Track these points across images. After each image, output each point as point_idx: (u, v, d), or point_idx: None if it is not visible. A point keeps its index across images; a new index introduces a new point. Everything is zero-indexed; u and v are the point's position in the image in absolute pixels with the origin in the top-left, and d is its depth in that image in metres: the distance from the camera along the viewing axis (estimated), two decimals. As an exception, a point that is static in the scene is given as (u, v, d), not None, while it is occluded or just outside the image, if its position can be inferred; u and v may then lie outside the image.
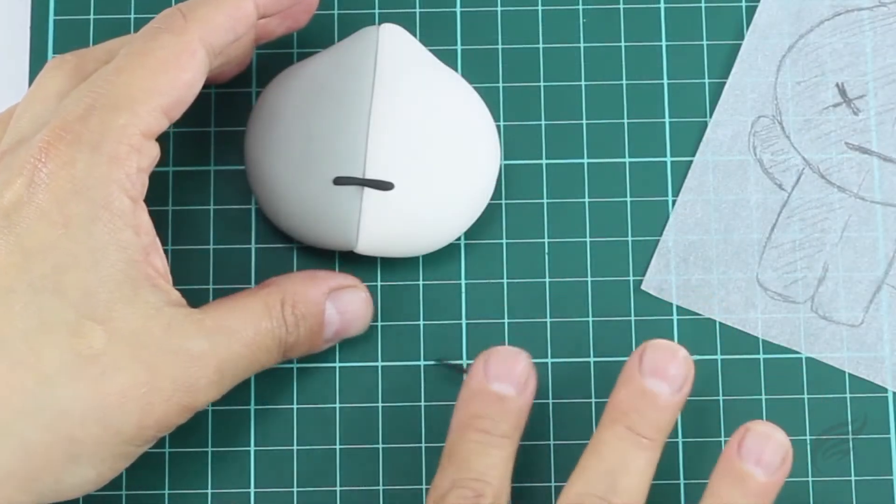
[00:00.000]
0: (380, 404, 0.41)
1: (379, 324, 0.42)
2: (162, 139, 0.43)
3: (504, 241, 0.43)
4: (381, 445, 0.41)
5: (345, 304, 0.39)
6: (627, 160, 0.43)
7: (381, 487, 0.41)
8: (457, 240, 0.42)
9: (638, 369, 0.37)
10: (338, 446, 0.41)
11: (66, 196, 0.33)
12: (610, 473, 0.36)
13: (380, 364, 0.42)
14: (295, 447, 0.41)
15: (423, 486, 0.41)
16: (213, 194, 0.43)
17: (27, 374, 0.32)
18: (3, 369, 0.33)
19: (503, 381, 0.37)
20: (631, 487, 0.36)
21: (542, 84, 0.44)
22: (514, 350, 0.38)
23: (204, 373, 0.34)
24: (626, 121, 0.43)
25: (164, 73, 0.34)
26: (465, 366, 0.41)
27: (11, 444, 0.33)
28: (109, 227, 0.33)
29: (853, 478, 0.41)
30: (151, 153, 0.35)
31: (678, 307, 0.42)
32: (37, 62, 0.44)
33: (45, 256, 0.33)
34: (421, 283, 0.42)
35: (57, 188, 0.33)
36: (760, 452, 0.36)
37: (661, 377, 0.37)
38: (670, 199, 0.43)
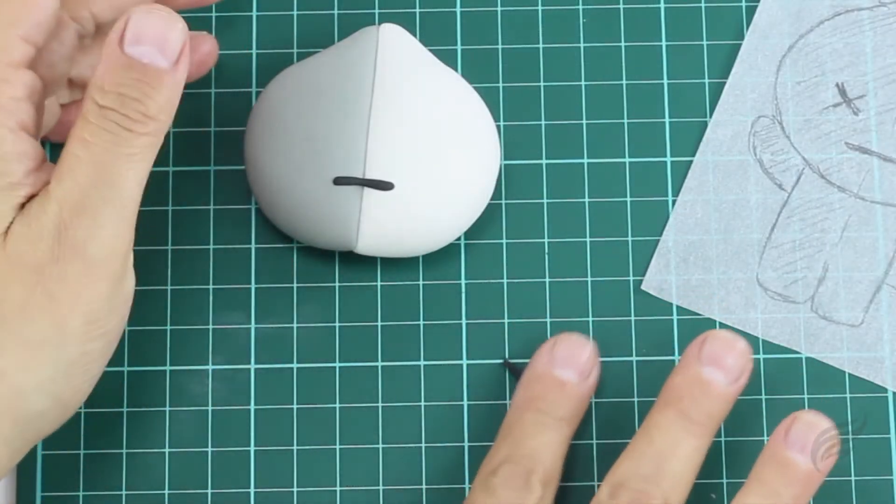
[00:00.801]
0: (380, 404, 0.41)
1: (379, 324, 0.42)
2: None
3: (504, 241, 0.43)
4: (380, 445, 0.41)
5: (139, 32, 0.33)
6: (627, 160, 0.43)
7: (380, 487, 0.41)
8: (457, 240, 0.42)
9: (697, 357, 0.37)
10: (337, 446, 0.41)
11: None
12: (658, 456, 0.36)
13: (380, 364, 0.42)
14: (295, 447, 0.41)
15: (424, 486, 0.41)
16: (213, 194, 0.43)
17: None
18: None
19: (567, 367, 0.38)
20: (677, 472, 0.36)
21: (542, 84, 0.44)
22: (582, 339, 0.39)
23: (74, 227, 0.33)
24: (626, 121, 0.43)
25: (12, 2, 0.34)
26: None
27: None
28: None
29: (853, 478, 0.41)
30: (25, 81, 0.34)
31: (678, 307, 0.42)
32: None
33: None
34: (421, 283, 0.42)
35: None
36: (806, 441, 0.37)
37: (718, 366, 0.37)
38: (670, 199, 0.43)
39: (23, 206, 0.33)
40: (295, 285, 0.42)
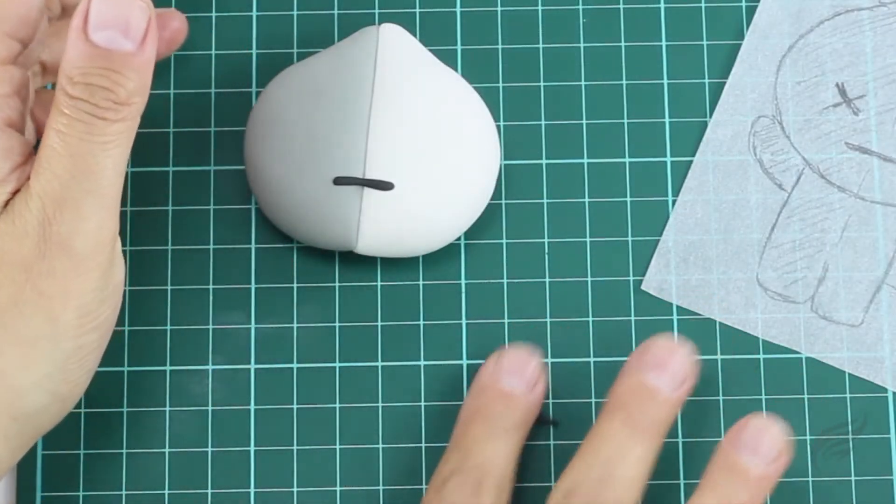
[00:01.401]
0: (380, 404, 0.41)
1: (379, 324, 0.42)
2: (162, 139, 0.43)
3: (504, 241, 0.43)
4: (381, 445, 0.41)
5: (101, 19, 0.32)
6: (627, 160, 0.43)
7: (381, 487, 0.41)
8: (457, 240, 0.42)
9: (639, 364, 0.37)
10: (338, 446, 0.41)
11: None
12: (606, 463, 0.36)
13: (380, 364, 0.42)
14: (295, 447, 0.41)
15: (423, 486, 0.41)
16: (213, 194, 0.43)
17: None
18: None
19: (513, 378, 0.38)
20: (625, 478, 0.36)
21: (542, 84, 0.44)
22: (527, 351, 0.39)
23: (56, 221, 0.33)
24: (626, 121, 0.43)
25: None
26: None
27: None
28: None
29: (853, 478, 0.41)
30: (12, 77, 0.33)
31: (678, 307, 0.42)
32: (37, 62, 0.44)
33: None
34: (421, 283, 0.42)
35: None
36: (757, 444, 0.36)
37: (661, 372, 0.37)
38: (670, 199, 0.43)
39: (7, 203, 0.33)
40: (295, 285, 0.42)
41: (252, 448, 0.41)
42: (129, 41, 0.32)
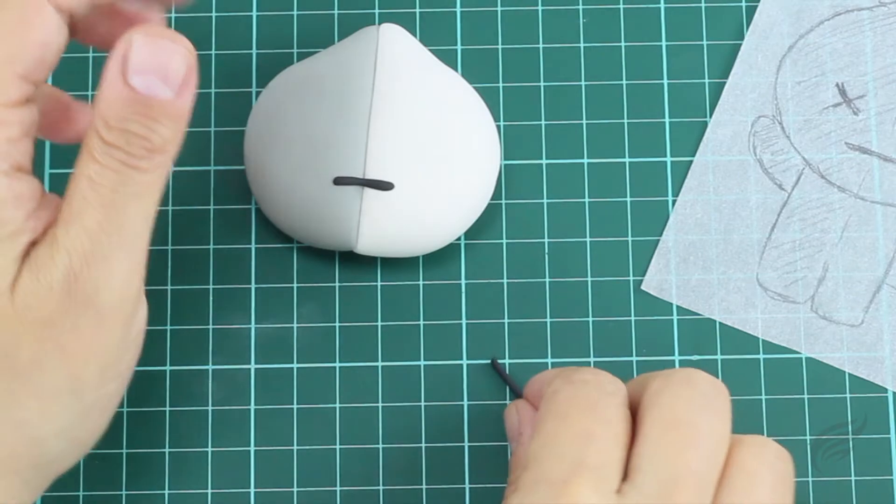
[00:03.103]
0: (380, 404, 0.41)
1: (379, 324, 0.42)
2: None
3: (504, 241, 0.43)
4: (381, 445, 0.41)
5: (144, 63, 0.30)
6: (627, 160, 0.43)
7: (381, 487, 0.41)
8: (457, 240, 0.42)
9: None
10: (338, 446, 0.41)
11: None
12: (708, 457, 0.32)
13: (380, 364, 0.42)
14: (295, 447, 0.41)
15: (423, 486, 0.41)
16: (213, 194, 0.43)
17: None
18: None
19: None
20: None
21: (542, 84, 0.44)
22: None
23: (83, 277, 0.31)
24: (626, 121, 0.43)
25: (10, 38, 0.31)
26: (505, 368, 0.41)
27: None
28: None
29: (853, 478, 0.41)
30: (22, 119, 0.31)
31: (678, 307, 0.42)
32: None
33: None
34: (421, 283, 0.42)
35: None
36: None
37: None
38: (670, 199, 0.43)
39: (27, 252, 0.31)
40: (295, 285, 0.42)
41: (252, 448, 0.41)
42: (169, 88, 0.30)
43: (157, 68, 0.30)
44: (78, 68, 0.44)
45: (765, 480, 0.31)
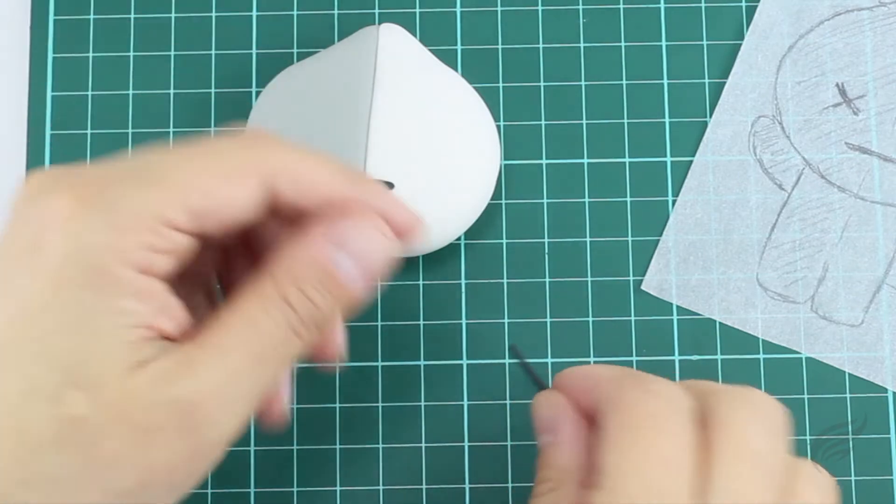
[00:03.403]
0: (380, 404, 0.41)
1: (379, 324, 0.42)
2: (162, 139, 0.43)
3: (504, 241, 0.43)
4: (381, 445, 0.41)
5: (349, 242, 0.32)
6: (627, 160, 0.43)
7: (381, 487, 0.41)
8: (457, 240, 0.42)
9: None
10: (338, 446, 0.41)
11: (63, 259, 0.31)
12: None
13: (380, 364, 0.42)
14: (294, 447, 0.41)
15: (423, 486, 0.41)
16: (213, 194, 0.43)
17: (16, 446, 0.30)
18: None
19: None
20: None
21: (542, 84, 0.44)
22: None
23: (202, 409, 0.31)
24: (626, 121, 0.43)
25: (212, 175, 0.31)
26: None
27: None
28: (104, 292, 0.31)
29: (853, 478, 0.41)
30: (175, 241, 0.31)
31: (678, 307, 0.42)
32: (37, 62, 0.44)
33: (36, 320, 0.31)
34: (421, 283, 0.42)
35: (57, 250, 0.31)
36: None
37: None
38: (670, 199, 0.43)
39: (143, 348, 0.31)
40: (295, 285, 0.42)
41: (252, 448, 0.41)
42: (361, 277, 0.31)
43: (360, 253, 0.31)
44: (78, 68, 0.44)
45: None
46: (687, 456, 0.31)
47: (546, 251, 0.43)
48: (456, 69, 0.43)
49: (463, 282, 0.42)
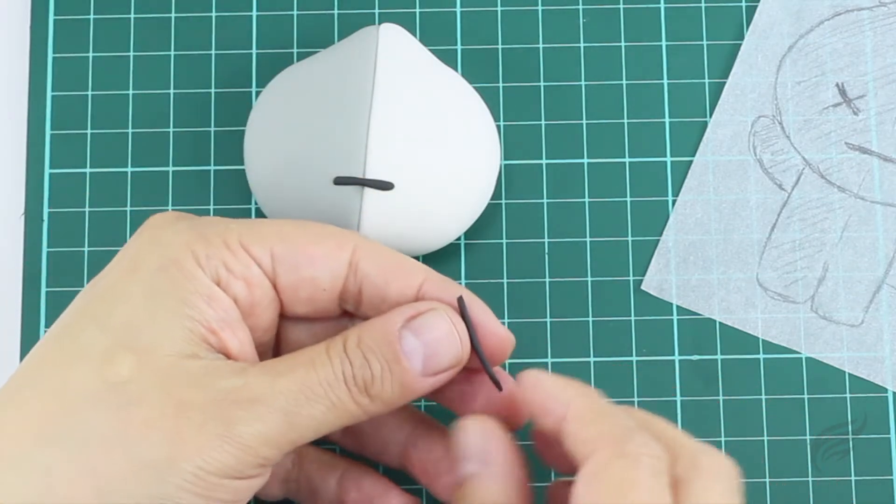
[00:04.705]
0: (380, 404, 0.41)
1: (379, 324, 0.42)
2: (162, 139, 0.43)
3: (504, 241, 0.43)
4: (381, 445, 0.41)
5: (424, 329, 0.33)
6: (627, 160, 0.43)
7: (381, 487, 0.41)
8: (457, 240, 0.42)
9: None
10: (338, 446, 0.41)
11: (145, 246, 0.33)
12: None
13: (380, 364, 0.42)
14: (295, 447, 0.41)
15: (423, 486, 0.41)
16: (213, 194, 0.43)
17: (51, 400, 0.31)
18: (29, 395, 0.31)
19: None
20: None
21: (542, 84, 0.44)
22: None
23: (242, 407, 0.31)
24: (626, 121, 0.43)
25: (300, 234, 0.34)
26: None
27: (34, 477, 0.30)
28: (175, 279, 0.32)
29: (853, 478, 0.41)
30: (251, 270, 0.33)
31: (678, 307, 0.42)
32: (37, 62, 0.44)
33: (106, 294, 0.33)
34: (421, 283, 0.42)
35: (142, 242, 0.34)
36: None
37: None
38: (670, 199, 0.43)
39: (202, 343, 0.32)
40: (295, 285, 0.42)
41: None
42: (421, 365, 0.33)
43: (430, 342, 0.33)
44: (78, 68, 0.44)
45: None
46: None
47: (546, 251, 0.43)
48: (456, 69, 0.43)
49: (463, 282, 0.42)
